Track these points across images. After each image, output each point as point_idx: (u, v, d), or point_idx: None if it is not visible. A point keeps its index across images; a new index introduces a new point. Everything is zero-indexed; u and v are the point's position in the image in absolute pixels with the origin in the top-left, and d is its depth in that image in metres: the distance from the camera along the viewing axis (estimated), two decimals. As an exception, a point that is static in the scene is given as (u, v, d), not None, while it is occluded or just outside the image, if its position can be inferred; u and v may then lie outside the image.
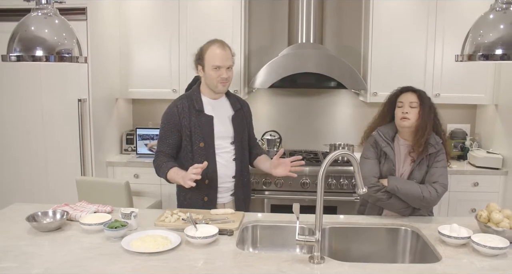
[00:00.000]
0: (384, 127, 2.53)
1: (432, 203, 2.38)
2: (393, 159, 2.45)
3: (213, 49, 2.43)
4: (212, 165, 2.51)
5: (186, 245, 1.99)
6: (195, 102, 2.50)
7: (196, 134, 2.48)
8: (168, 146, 2.51)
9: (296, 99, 4.33)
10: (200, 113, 2.49)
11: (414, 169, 2.42)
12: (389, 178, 2.40)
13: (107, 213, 2.38)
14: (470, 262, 1.85)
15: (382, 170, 2.47)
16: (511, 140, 3.59)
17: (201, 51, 2.49)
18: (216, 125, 2.51)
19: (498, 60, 1.84)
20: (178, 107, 2.50)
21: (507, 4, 1.84)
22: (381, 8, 3.77)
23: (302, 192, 3.69)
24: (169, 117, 2.51)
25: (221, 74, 2.43)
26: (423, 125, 2.40)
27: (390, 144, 2.46)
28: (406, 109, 2.42)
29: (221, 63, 2.43)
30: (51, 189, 3.74)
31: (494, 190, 3.68)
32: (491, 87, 3.81)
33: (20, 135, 3.71)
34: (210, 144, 2.50)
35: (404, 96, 2.46)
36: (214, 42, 2.48)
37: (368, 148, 2.54)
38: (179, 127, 2.48)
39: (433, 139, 2.42)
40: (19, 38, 1.98)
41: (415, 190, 2.33)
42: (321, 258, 1.86)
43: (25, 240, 2.03)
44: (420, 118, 2.40)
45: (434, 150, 2.41)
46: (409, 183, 2.37)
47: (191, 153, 2.50)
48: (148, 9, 3.94)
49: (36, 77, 3.62)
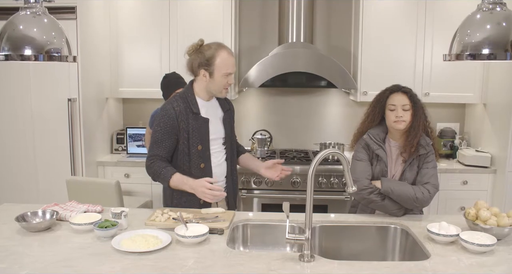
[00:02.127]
0: (375, 130, 2.53)
1: (424, 204, 2.39)
2: (385, 161, 2.46)
3: (225, 56, 2.38)
4: (208, 167, 2.49)
5: (176, 244, 1.99)
6: (191, 105, 2.44)
7: (194, 138, 2.44)
8: (164, 149, 2.43)
9: (287, 99, 4.34)
10: (197, 116, 2.44)
11: (405, 169, 2.43)
12: (382, 180, 2.40)
13: (97, 212, 2.37)
14: (458, 259, 1.87)
15: (374, 172, 2.48)
16: (499, 138, 3.63)
17: (209, 56, 2.38)
18: (210, 128, 2.49)
19: (485, 60, 1.87)
20: (176, 110, 2.41)
21: (493, 4, 1.86)
22: (371, 8, 3.79)
23: (293, 191, 3.70)
24: (166, 120, 2.41)
25: (230, 81, 2.43)
26: (415, 126, 2.40)
27: (382, 146, 2.47)
28: (400, 112, 2.40)
29: (232, 70, 2.43)
30: (41, 189, 3.72)
31: (482, 188, 3.72)
32: (479, 86, 3.85)
33: (9, 135, 3.69)
34: (207, 146, 2.48)
35: (395, 98, 2.43)
36: (223, 47, 2.41)
37: (359, 149, 2.53)
38: (177, 130, 2.41)
39: (424, 140, 2.43)
40: (7, 37, 1.96)
41: (409, 191, 2.34)
42: (311, 256, 1.87)
43: (14, 241, 2.01)
44: (413, 120, 2.41)
45: (425, 151, 2.42)
46: (402, 184, 2.38)
47: (188, 156, 2.45)
48: (138, 8, 3.93)
49: (25, 77, 3.59)
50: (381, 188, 2.36)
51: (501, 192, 3.59)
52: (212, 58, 2.36)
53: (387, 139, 2.52)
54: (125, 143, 4.13)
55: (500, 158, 3.61)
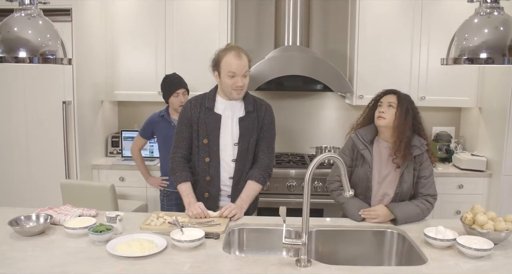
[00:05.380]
0: (363, 130, 2.54)
1: (427, 215, 2.45)
2: (369, 162, 2.45)
3: (229, 57, 2.43)
4: (215, 162, 2.55)
5: (172, 248, 1.97)
6: (206, 100, 2.56)
7: (202, 131, 2.53)
8: (183, 140, 2.58)
9: (283, 102, 4.33)
10: (210, 111, 2.54)
11: (403, 172, 2.43)
12: (392, 209, 2.34)
13: (92, 216, 2.35)
14: (455, 264, 1.86)
15: (358, 173, 2.49)
16: (495, 142, 3.64)
17: (217, 58, 2.48)
18: (223, 125, 2.54)
19: (482, 64, 1.87)
20: (192, 102, 2.59)
21: (491, 8, 1.87)
22: (367, 11, 3.80)
23: (289, 195, 3.69)
24: (183, 112, 2.60)
25: (236, 82, 2.44)
26: (400, 126, 2.39)
27: (368, 147, 2.47)
28: (384, 108, 2.43)
29: (236, 71, 2.43)
30: (35, 192, 3.68)
31: (478, 192, 3.72)
32: (475, 90, 3.86)
33: (3, 138, 3.66)
34: (215, 142, 2.53)
35: (384, 97, 2.49)
36: (231, 49, 2.47)
37: (345, 149, 2.57)
38: (190, 121, 2.56)
39: (418, 140, 2.43)
40: (2, 39, 1.95)
41: (417, 212, 2.37)
42: (308, 261, 1.85)
43: (7, 245, 1.99)
44: (397, 119, 2.40)
45: (420, 152, 2.42)
46: (409, 207, 2.38)
47: (197, 148, 2.57)
48: (134, 11, 3.92)
49: (20, 79, 3.57)
50: (397, 220, 2.32)
51: (496, 195, 3.59)
52: (219, 60, 2.47)
53: (376, 139, 2.52)
54: (120, 146, 4.11)
55: (496, 161, 3.61)
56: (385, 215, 2.33)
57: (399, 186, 2.43)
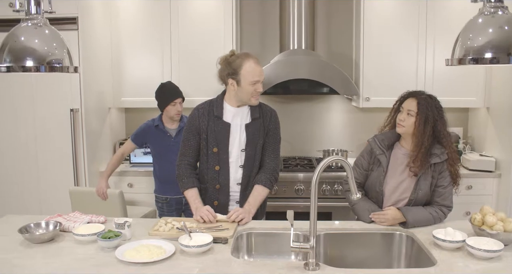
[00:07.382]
0: (382, 135, 2.52)
1: (437, 223, 2.39)
2: (384, 167, 2.44)
3: (251, 65, 2.45)
4: (225, 170, 2.55)
5: (180, 254, 1.98)
6: (215, 108, 2.55)
7: (211, 139, 2.54)
8: (189, 148, 2.58)
9: (289, 106, 4.34)
10: (218, 120, 2.54)
11: (419, 179, 2.39)
12: (405, 212, 2.33)
13: (101, 223, 2.36)
14: (465, 266, 1.85)
15: (372, 177, 2.47)
16: (503, 142, 3.61)
17: (236, 66, 2.47)
18: (231, 133, 2.55)
19: (487, 64, 1.86)
20: (199, 110, 2.58)
21: (495, 8, 1.86)
22: (372, 13, 3.80)
23: (296, 199, 3.68)
24: (190, 120, 2.59)
25: (258, 89, 2.48)
26: (418, 136, 2.35)
27: (385, 152, 2.45)
28: (403, 116, 2.39)
29: (260, 78, 2.47)
30: (44, 200, 3.71)
31: (487, 193, 3.69)
32: (482, 90, 3.83)
33: (12, 146, 3.69)
34: (224, 150, 2.54)
35: (406, 102, 2.42)
36: (249, 57, 2.48)
37: (363, 153, 2.55)
38: (198, 130, 2.56)
39: (439, 149, 2.37)
40: (9, 48, 1.97)
41: (428, 219, 2.34)
42: (316, 264, 1.85)
43: (17, 252, 2.00)
44: (416, 128, 2.35)
45: (439, 160, 2.36)
46: (422, 214, 2.34)
47: (206, 156, 2.57)
48: (140, 18, 3.94)
49: (28, 88, 3.60)
50: (407, 224, 2.30)
51: (506, 196, 3.56)
52: (239, 68, 2.46)
53: (397, 144, 2.50)
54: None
55: (505, 162, 3.59)
56: (395, 218, 2.32)
57: (413, 193, 2.39)
